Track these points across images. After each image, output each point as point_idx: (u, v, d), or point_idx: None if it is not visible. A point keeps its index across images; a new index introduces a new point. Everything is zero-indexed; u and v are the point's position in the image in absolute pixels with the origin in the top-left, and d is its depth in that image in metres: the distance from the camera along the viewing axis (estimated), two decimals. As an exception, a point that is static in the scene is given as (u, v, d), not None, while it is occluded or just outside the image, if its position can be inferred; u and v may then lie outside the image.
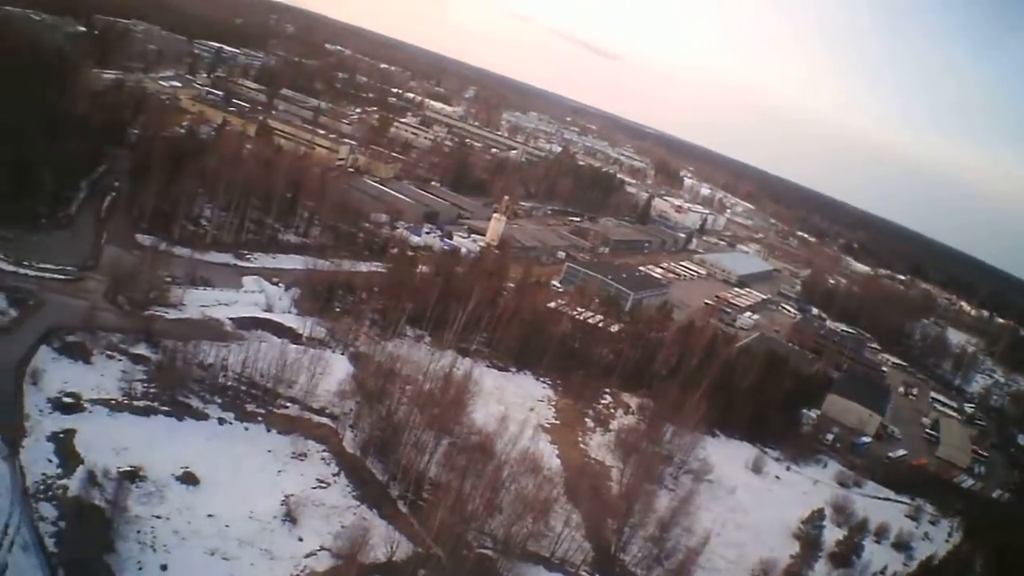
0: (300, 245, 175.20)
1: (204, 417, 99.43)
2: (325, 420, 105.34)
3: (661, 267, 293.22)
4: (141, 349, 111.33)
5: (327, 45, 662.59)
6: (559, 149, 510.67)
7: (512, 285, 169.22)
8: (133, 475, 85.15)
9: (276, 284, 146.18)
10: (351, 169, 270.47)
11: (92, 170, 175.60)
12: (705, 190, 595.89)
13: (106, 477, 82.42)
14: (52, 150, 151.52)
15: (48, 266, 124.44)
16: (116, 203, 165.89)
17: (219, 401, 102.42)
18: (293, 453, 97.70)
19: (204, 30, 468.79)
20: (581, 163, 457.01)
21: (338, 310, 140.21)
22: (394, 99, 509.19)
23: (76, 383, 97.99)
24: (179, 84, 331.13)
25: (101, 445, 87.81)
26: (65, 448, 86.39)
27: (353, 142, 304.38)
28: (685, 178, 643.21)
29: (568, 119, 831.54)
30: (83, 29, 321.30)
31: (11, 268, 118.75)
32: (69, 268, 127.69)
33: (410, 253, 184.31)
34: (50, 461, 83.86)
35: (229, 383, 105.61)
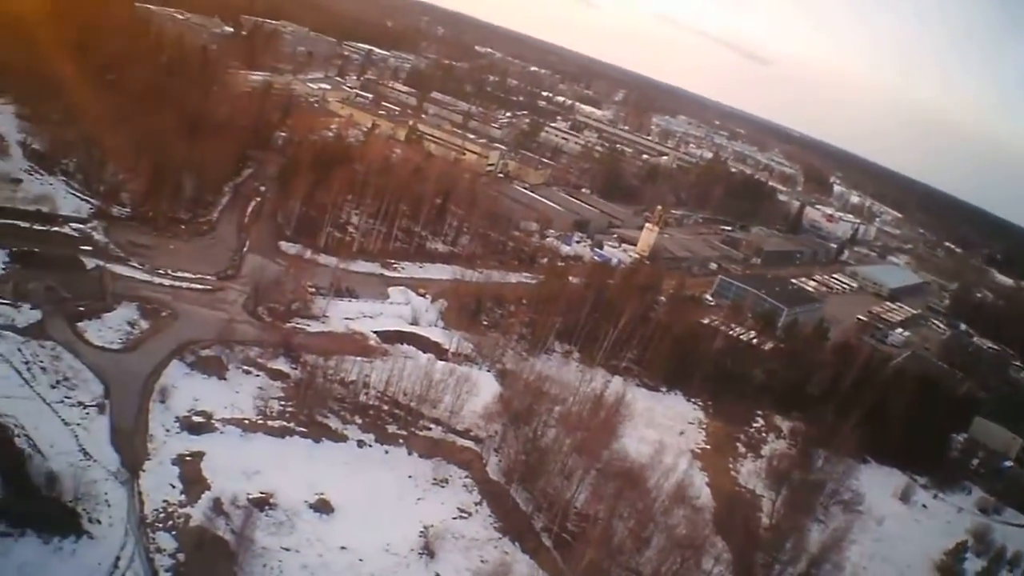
0: (448, 254, 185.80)
1: (342, 439, 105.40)
2: (469, 443, 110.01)
3: (814, 280, 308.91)
4: (280, 364, 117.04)
5: (477, 47, 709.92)
6: (709, 155, 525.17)
7: (664, 299, 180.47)
8: (263, 502, 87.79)
9: (423, 295, 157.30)
10: (500, 175, 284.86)
11: (237, 174, 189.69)
12: (855, 198, 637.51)
13: (233, 505, 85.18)
14: (195, 153, 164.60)
15: (185, 274, 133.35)
16: (260, 209, 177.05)
17: (359, 422, 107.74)
18: (434, 479, 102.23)
19: (354, 31, 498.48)
20: (733, 169, 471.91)
21: (485, 324, 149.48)
22: (544, 103, 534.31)
23: (208, 401, 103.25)
24: (328, 86, 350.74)
25: (230, 469, 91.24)
26: (190, 472, 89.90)
27: (503, 147, 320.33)
28: (834, 185, 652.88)
29: (716, 123, 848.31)
30: (230, 30, 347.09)
31: (145, 277, 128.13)
32: (208, 277, 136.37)
33: (560, 264, 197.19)
34: (173, 487, 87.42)
35: (371, 402, 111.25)
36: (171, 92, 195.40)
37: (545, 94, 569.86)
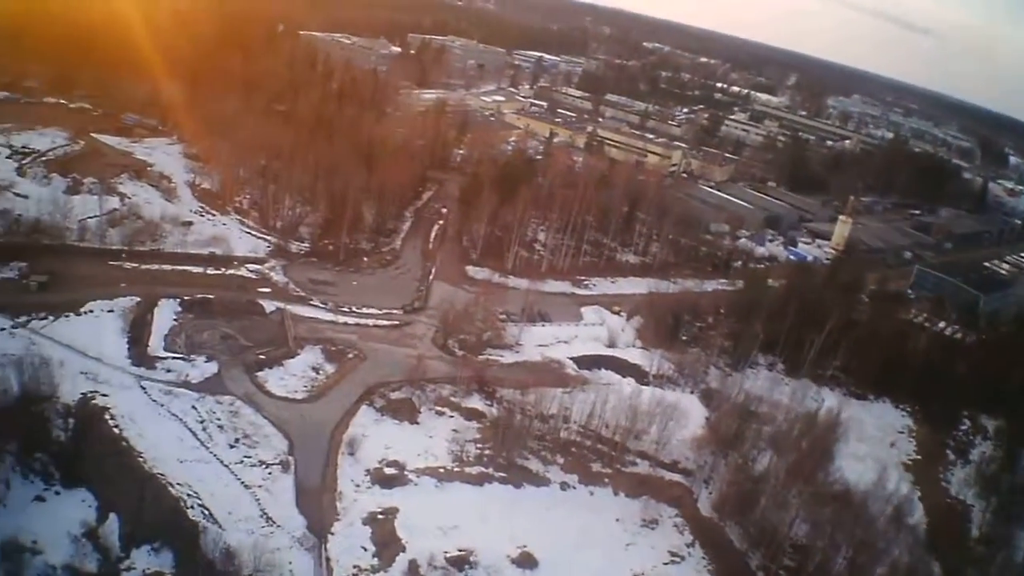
0: (639, 266, 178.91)
1: (544, 482, 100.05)
2: (677, 477, 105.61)
3: (1006, 262, 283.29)
4: (475, 402, 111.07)
5: (644, 44, 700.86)
6: (890, 135, 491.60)
7: (866, 297, 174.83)
8: (462, 561, 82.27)
9: (617, 313, 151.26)
10: (684, 174, 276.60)
11: (417, 197, 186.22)
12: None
13: (431, 566, 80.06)
14: (373, 180, 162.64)
15: (371, 310, 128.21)
16: (444, 232, 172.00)
17: (561, 462, 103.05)
18: (643, 520, 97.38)
19: (522, 40, 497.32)
20: (916, 149, 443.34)
21: (684, 339, 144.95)
22: (720, 95, 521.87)
23: (400, 449, 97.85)
24: (502, 98, 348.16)
25: (426, 525, 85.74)
26: (383, 532, 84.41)
27: (684, 145, 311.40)
28: (1009, 156, 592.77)
29: (888, 99, 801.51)
30: (397, 50, 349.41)
31: (328, 317, 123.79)
32: (394, 311, 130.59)
33: (756, 266, 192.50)
34: (364, 549, 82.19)
35: (572, 438, 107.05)
36: (344, 119, 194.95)
37: (720, 86, 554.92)
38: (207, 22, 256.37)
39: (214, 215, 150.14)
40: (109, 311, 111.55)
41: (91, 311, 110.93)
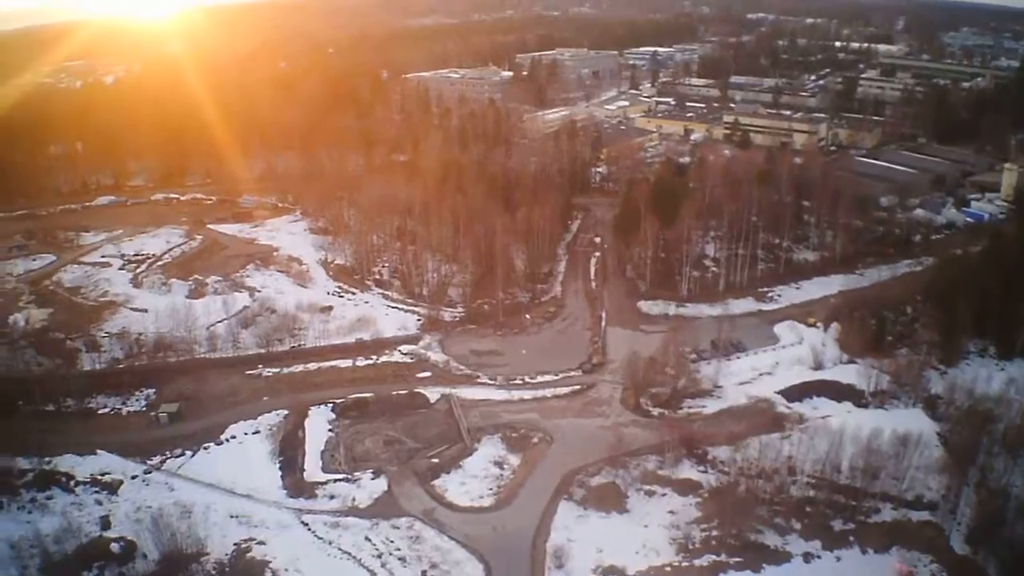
0: (820, 262, 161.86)
1: (785, 558, 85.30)
2: (924, 514, 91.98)
3: None
4: (686, 471, 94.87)
5: (749, 16, 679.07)
6: (1016, 64, 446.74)
7: None
8: None
9: (813, 325, 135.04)
10: (833, 147, 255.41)
11: (565, 230, 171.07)
12: None
13: None
14: (517, 222, 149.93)
15: (546, 377, 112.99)
16: (604, 265, 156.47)
17: (798, 527, 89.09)
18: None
19: (630, 38, 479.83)
20: None
21: (890, 340, 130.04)
22: (842, 54, 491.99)
23: (614, 549, 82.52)
24: (626, 103, 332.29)
25: None
26: None
27: (825, 115, 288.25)
28: None
29: (992, 25, 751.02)
30: (509, 74, 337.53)
31: (501, 394, 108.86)
32: (572, 373, 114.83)
33: (938, 238, 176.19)
34: None
35: (804, 493, 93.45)
36: (472, 160, 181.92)
37: (839, 45, 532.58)
38: (309, 83, 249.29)
39: (354, 293, 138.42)
40: (254, 432, 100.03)
41: (233, 436, 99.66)
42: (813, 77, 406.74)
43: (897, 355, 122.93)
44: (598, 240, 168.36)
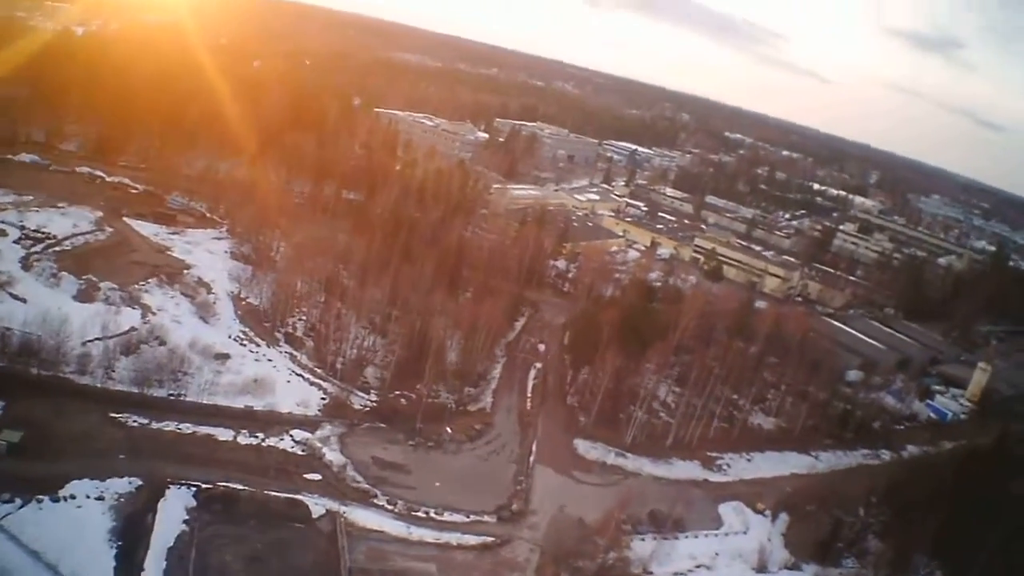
0: (777, 433, 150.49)
1: None
2: None
3: None
4: None
5: (727, 134, 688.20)
6: (991, 248, 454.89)
7: None
8: None
9: (761, 512, 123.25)
10: (799, 298, 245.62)
11: (509, 326, 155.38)
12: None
13: None
14: (462, 307, 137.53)
15: (454, 517, 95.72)
16: (544, 382, 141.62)
17: None
18: None
19: (611, 129, 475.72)
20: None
21: (839, 544, 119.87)
22: (819, 198, 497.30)
23: None
24: (596, 196, 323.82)
25: None
26: None
27: (797, 261, 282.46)
28: None
29: (962, 198, 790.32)
30: (485, 136, 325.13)
31: (398, 529, 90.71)
32: (486, 518, 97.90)
33: (899, 427, 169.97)
34: None
35: None
36: (428, 221, 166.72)
37: (817, 188, 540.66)
38: (278, 92, 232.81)
39: (258, 344, 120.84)
40: (98, 498, 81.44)
41: (73, 496, 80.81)
42: (787, 216, 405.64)
43: (843, 565, 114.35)
44: (542, 348, 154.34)
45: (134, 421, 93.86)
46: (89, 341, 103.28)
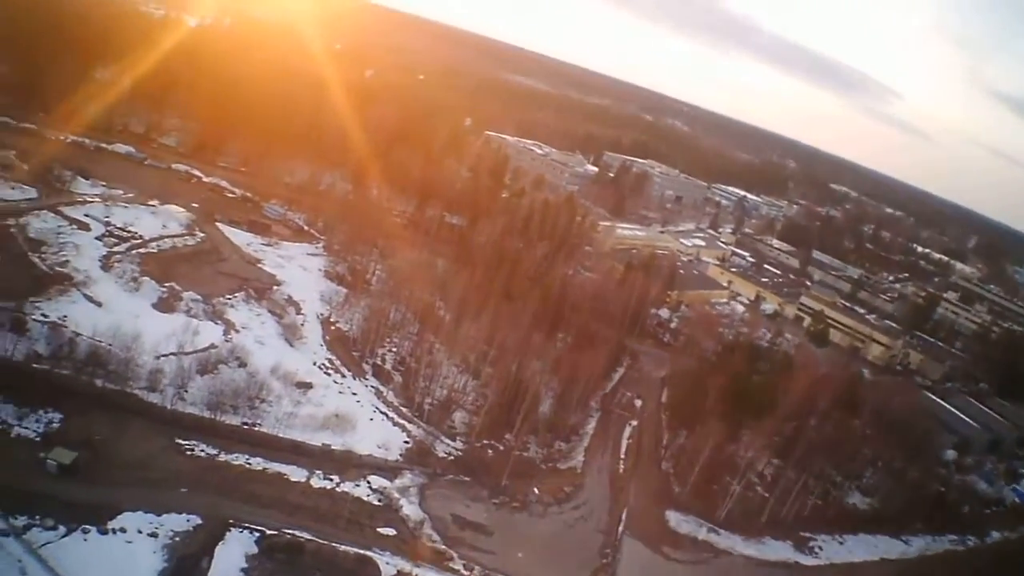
0: (869, 513, 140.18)
1: None
2: None
3: None
4: None
5: (832, 185, 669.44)
6: None
7: None
8: None
9: None
10: (899, 367, 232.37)
11: (607, 376, 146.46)
12: None
13: None
14: (561, 351, 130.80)
15: None
16: (639, 442, 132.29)
17: None
18: None
19: (721, 172, 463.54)
20: None
21: None
22: (922, 261, 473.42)
23: None
24: (702, 242, 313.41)
25: None
26: None
27: (900, 328, 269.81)
28: None
29: None
30: (594, 169, 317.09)
31: None
32: None
33: (987, 511, 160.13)
34: None
35: None
36: (532, 257, 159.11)
37: (920, 250, 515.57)
38: (389, 105, 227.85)
39: (344, 375, 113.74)
40: (151, 534, 74.90)
41: (123, 529, 74.41)
42: (891, 278, 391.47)
43: None
44: (639, 403, 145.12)
45: (201, 450, 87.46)
46: (163, 356, 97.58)
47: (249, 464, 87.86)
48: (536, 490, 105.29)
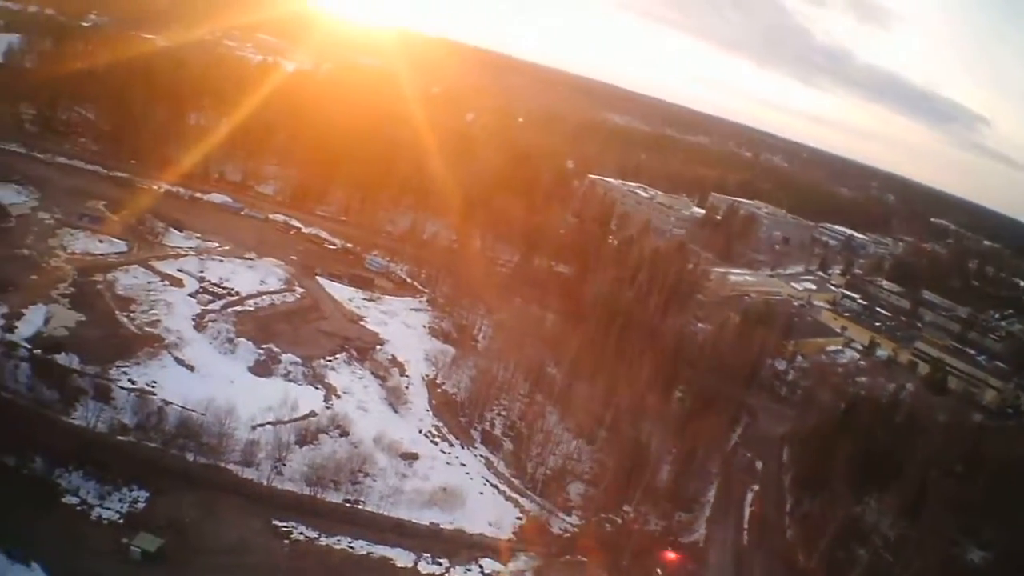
0: (988, 570, 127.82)
1: None
2: None
3: None
4: None
5: (932, 219, 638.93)
6: None
7: None
8: None
9: None
10: (1009, 410, 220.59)
11: (726, 436, 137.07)
12: None
13: None
14: (681, 413, 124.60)
15: None
16: (761, 509, 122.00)
17: None
18: None
19: (826, 209, 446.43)
20: None
21: None
22: None
23: None
24: (812, 285, 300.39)
25: None
26: None
27: (1008, 369, 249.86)
28: None
29: None
30: (701, 212, 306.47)
31: None
32: None
33: None
34: None
35: None
36: (643, 306, 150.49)
37: (1022, 284, 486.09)
38: (490, 150, 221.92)
39: (451, 443, 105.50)
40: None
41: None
42: (997, 315, 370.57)
43: None
44: (759, 466, 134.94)
45: (300, 532, 79.81)
46: (260, 425, 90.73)
47: (352, 548, 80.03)
48: (658, 570, 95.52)
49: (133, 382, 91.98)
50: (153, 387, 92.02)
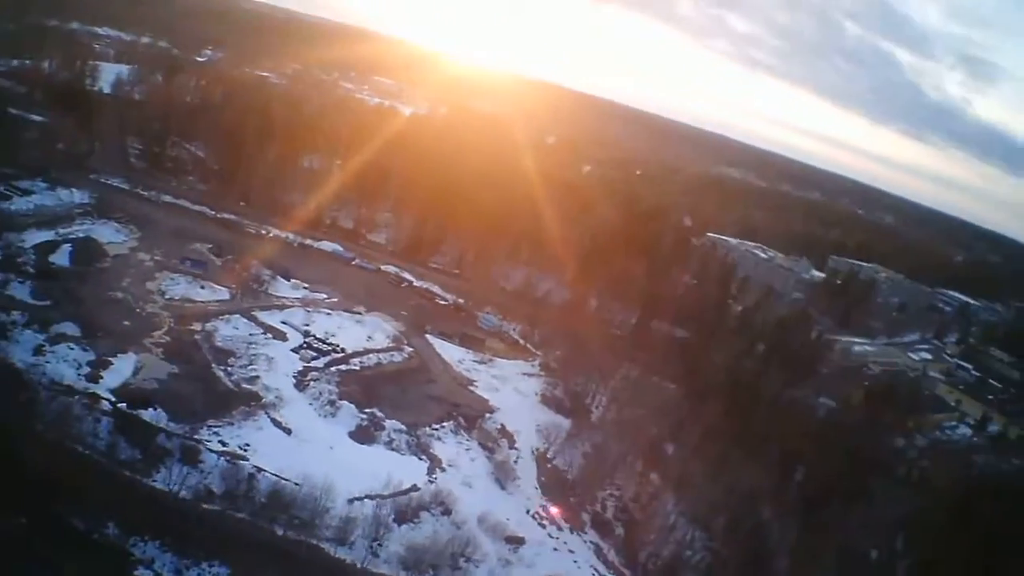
0: None
1: None
2: None
3: None
4: None
5: None
6: None
7: None
8: None
9: None
10: None
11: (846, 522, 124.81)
12: None
13: None
14: (786, 488, 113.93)
15: None
16: None
17: None
18: None
19: (939, 273, 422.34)
20: None
21: None
22: None
23: None
24: (928, 355, 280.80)
25: None
26: None
27: None
28: None
29: None
30: (820, 275, 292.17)
31: None
32: None
33: None
34: None
35: None
36: (766, 379, 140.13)
37: None
38: (606, 205, 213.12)
39: (560, 528, 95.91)
40: None
41: None
42: None
43: None
44: (873, 553, 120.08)
45: (392, 631, 72.01)
46: (358, 499, 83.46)
47: (447, 651, 71.96)
48: None
49: (224, 444, 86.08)
50: (246, 450, 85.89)
